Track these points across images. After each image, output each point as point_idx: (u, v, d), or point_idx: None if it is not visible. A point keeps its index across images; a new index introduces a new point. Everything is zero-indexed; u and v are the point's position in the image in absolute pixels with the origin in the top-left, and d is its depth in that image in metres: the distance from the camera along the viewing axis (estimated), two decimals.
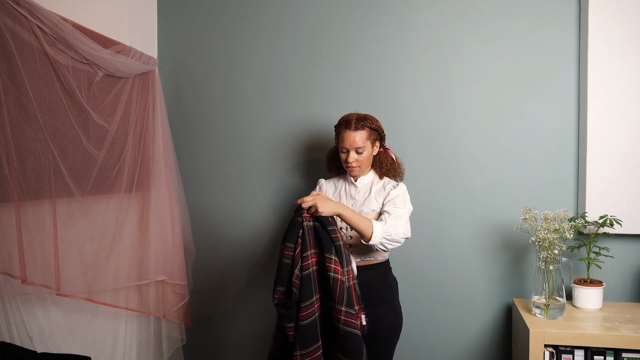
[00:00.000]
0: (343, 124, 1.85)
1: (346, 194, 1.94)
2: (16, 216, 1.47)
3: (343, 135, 1.84)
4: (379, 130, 1.89)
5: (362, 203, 1.88)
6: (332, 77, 2.38)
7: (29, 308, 1.69)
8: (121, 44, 2.03)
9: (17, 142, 1.51)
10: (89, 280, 1.84)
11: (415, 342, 2.32)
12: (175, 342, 2.34)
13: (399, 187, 1.87)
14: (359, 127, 1.82)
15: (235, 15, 2.47)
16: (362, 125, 1.83)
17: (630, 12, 2.03)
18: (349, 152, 1.84)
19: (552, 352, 1.81)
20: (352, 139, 1.82)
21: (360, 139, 1.82)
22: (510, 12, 2.21)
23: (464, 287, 2.28)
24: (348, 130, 1.82)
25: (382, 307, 1.85)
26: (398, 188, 1.87)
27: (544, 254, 1.89)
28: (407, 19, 2.30)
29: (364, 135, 1.83)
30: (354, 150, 1.83)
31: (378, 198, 1.88)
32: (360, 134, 1.82)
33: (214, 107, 2.51)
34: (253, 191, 2.47)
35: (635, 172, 2.04)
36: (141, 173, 2.15)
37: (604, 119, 2.06)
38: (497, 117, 2.23)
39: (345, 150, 1.85)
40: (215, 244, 2.53)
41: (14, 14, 1.49)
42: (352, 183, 1.94)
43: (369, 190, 1.91)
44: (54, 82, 1.67)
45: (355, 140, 1.82)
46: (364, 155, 1.85)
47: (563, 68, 2.17)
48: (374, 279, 1.86)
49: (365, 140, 1.84)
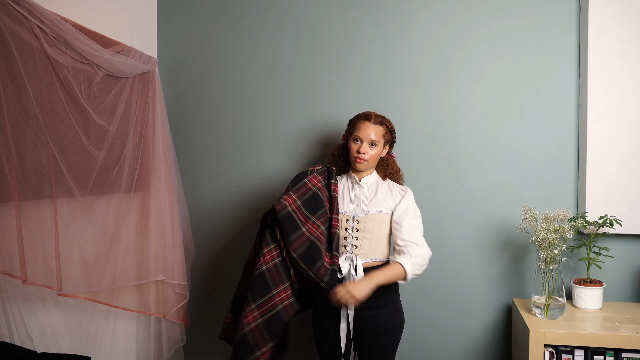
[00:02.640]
0: (362, 116, 1.88)
1: (349, 193, 1.92)
2: (16, 216, 1.47)
3: (360, 125, 1.86)
4: (393, 134, 1.93)
5: (369, 203, 1.87)
6: (332, 77, 2.38)
7: (29, 308, 1.69)
8: (121, 44, 2.03)
9: (17, 142, 1.51)
10: (90, 280, 1.84)
11: (415, 342, 2.32)
12: (175, 342, 2.34)
13: (408, 196, 1.89)
14: (377, 122, 1.86)
15: (235, 14, 2.47)
16: (381, 122, 1.87)
17: (630, 12, 2.03)
18: (362, 142, 1.85)
19: (552, 352, 1.81)
20: (370, 131, 1.84)
21: (377, 134, 1.85)
22: (510, 12, 2.21)
23: (464, 287, 2.28)
24: (367, 122, 1.85)
25: (387, 307, 1.85)
26: (407, 196, 1.88)
27: (544, 254, 1.89)
28: (407, 19, 2.30)
29: (380, 131, 1.86)
30: (369, 142, 1.85)
31: (386, 199, 1.87)
32: (378, 128, 1.85)
33: (214, 106, 2.51)
34: (253, 191, 2.47)
35: (635, 172, 2.05)
36: (141, 173, 2.15)
37: (603, 119, 2.06)
38: (497, 117, 2.23)
39: (360, 141, 1.86)
40: (215, 244, 2.53)
41: (14, 14, 1.49)
42: (357, 182, 1.92)
43: (375, 190, 1.90)
44: (54, 82, 1.67)
45: (373, 133, 1.84)
46: (375, 151, 1.87)
47: (563, 68, 2.17)
48: None
49: (381, 136, 1.87)
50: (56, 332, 1.79)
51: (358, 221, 1.84)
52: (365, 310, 1.80)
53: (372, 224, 1.83)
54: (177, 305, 2.24)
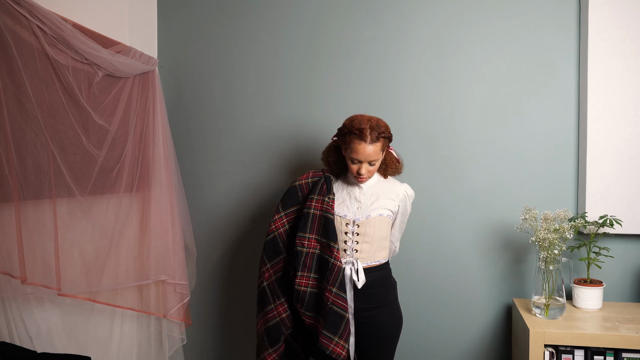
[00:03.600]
0: (356, 133, 1.71)
1: (350, 197, 1.88)
2: (16, 216, 1.47)
3: (356, 147, 1.71)
4: (391, 137, 1.81)
5: (369, 207, 1.83)
6: (332, 77, 2.38)
7: (28, 308, 1.69)
8: (121, 44, 2.03)
9: (17, 142, 1.51)
10: (90, 280, 1.84)
11: (415, 342, 2.32)
12: (175, 342, 2.34)
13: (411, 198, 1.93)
14: (374, 139, 1.71)
15: (235, 15, 2.47)
16: (377, 137, 1.71)
17: (630, 12, 2.03)
18: (361, 163, 1.75)
19: (552, 352, 1.81)
20: (368, 153, 1.71)
21: (375, 152, 1.73)
22: (510, 12, 2.21)
23: (464, 287, 2.28)
24: (363, 143, 1.70)
25: (386, 307, 1.85)
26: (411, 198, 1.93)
27: (544, 254, 1.89)
28: (407, 18, 2.30)
29: (378, 147, 1.74)
30: (367, 162, 1.75)
31: (389, 203, 1.85)
32: (375, 146, 1.72)
33: (214, 107, 2.51)
34: (253, 191, 2.47)
35: (635, 172, 2.04)
36: (141, 173, 2.15)
37: (603, 119, 2.06)
38: (497, 117, 2.23)
39: (357, 162, 1.75)
40: (215, 244, 2.53)
41: (14, 14, 1.49)
42: (358, 185, 1.89)
43: (377, 192, 1.86)
44: (54, 82, 1.67)
45: (371, 153, 1.72)
46: (376, 166, 1.78)
47: (563, 68, 2.17)
48: (379, 281, 1.85)
49: (380, 152, 1.75)
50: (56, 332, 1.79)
51: (358, 225, 1.82)
52: (364, 311, 1.80)
53: (372, 227, 1.82)
54: (177, 304, 2.24)
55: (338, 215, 1.84)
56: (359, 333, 1.83)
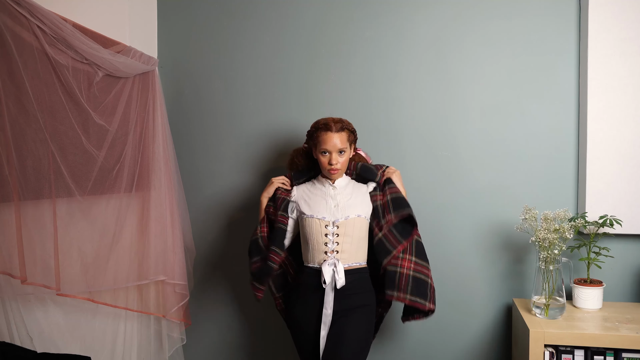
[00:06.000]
0: (322, 127, 1.86)
1: (325, 196, 1.91)
2: (16, 216, 1.47)
3: (324, 137, 1.84)
4: (355, 133, 1.94)
5: (345, 206, 1.87)
6: (332, 77, 2.38)
7: (28, 308, 1.69)
8: (121, 44, 2.03)
9: (17, 142, 1.51)
10: (89, 280, 1.84)
11: (415, 342, 2.32)
12: (175, 342, 2.34)
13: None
14: (339, 129, 1.84)
15: (236, 15, 2.47)
16: (342, 127, 1.85)
17: (630, 12, 2.03)
18: (331, 153, 1.84)
19: (552, 352, 1.81)
20: (335, 141, 1.83)
21: (342, 140, 1.85)
22: (510, 12, 2.21)
23: (464, 287, 2.28)
24: (330, 132, 1.84)
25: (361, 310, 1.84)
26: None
27: (544, 254, 1.89)
28: (407, 19, 2.30)
29: (344, 137, 1.86)
30: (337, 151, 1.84)
31: (364, 203, 1.90)
32: (341, 135, 1.85)
33: (214, 107, 2.51)
34: (253, 191, 2.47)
35: (635, 172, 2.04)
36: (141, 173, 2.15)
37: (604, 119, 2.06)
38: (497, 117, 2.23)
39: (327, 153, 1.85)
40: (215, 244, 2.53)
41: (14, 14, 1.49)
42: (330, 184, 1.93)
43: (350, 193, 1.92)
44: (54, 82, 1.67)
45: (338, 141, 1.84)
46: (345, 156, 1.88)
47: (563, 68, 2.17)
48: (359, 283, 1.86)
49: (346, 141, 1.87)
50: (56, 332, 1.79)
51: (338, 226, 1.84)
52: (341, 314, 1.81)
53: (352, 227, 1.85)
54: (177, 305, 2.24)
55: (316, 218, 1.86)
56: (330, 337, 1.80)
